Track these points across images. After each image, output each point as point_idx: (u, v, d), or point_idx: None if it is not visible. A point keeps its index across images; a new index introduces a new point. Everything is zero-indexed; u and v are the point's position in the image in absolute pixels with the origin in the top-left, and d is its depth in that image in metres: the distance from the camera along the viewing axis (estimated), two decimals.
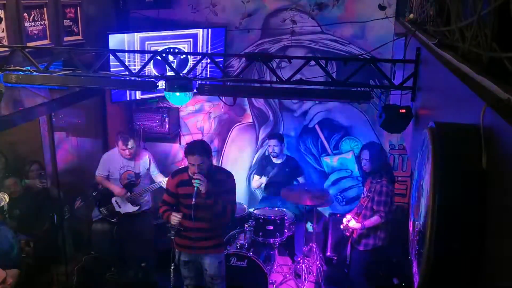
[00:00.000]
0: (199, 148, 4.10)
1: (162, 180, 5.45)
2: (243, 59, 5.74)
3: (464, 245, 1.44)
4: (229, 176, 4.36)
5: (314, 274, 5.55)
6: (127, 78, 4.02)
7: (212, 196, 4.09)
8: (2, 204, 4.50)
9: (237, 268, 5.04)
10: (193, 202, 4.02)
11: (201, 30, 5.68)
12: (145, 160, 5.51)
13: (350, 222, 4.76)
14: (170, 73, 4.06)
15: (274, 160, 5.89)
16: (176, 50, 5.57)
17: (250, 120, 6.39)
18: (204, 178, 4.04)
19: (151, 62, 5.07)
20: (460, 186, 1.45)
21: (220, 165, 6.14)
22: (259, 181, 5.92)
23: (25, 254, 4.87)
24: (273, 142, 5.79)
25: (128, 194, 5.41)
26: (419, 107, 3.19)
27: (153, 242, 5.79)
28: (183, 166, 4.97)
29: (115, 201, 5.42)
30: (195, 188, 4.02)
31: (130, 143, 5.32)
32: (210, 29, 5.73)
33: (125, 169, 5.42)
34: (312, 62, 3.77)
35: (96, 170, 5.52)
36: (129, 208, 5.44)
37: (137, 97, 5.86)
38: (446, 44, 2.06)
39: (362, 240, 4.79)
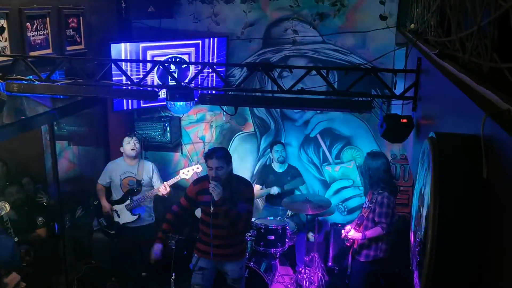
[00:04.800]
0: (218, 153, 4.19)
1: (159, 186, 5.39)
2: (245, 68, 5.76)
3: (465, 256, 1.43)
4: (247, 185, 4.43)
5: (316, 284, 5.52)
6: (129, 88, 4.04)
7: (227, 203, 4.12)
8: (2, 213, 4.49)
9: None
10: (211, 211, 4.09)
11: (203, 39, 5.71)
12: (149, 169, 5.49)
13: (350, 232, 4.74)
14: (171, 83, 4.08)
15: (276, 169, 5.89)
16: (178, 60, 5.59)
17: (252, 129, 6.40)
18: (219, 185, 4.08)
19: (155, 71, 5.10)
20: (461, 196, 1.45)
21: None
22: (271, 190, 5.83)
23: (26, 263, 4.85)
24: (279, 147, 5.80)
25: (116, 212, 5.39)
26: (420, 116, 3.19)
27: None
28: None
29: (115, 210, 5.40)
30: (212, 196, 4.08)
31: (134, 137, 5.38)
32: (212, 39, 5.75)
33: (126, 174, 5.40)
34: (314, 72, 3.78)
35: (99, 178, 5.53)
36: (128, 218, 5.40)
37: (140, 106, 5.87)
38: (447, 54, 2.06)
39: (363, 251, 4.76)
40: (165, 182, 5.37)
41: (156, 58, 5.42)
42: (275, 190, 5.72)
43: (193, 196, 4.40)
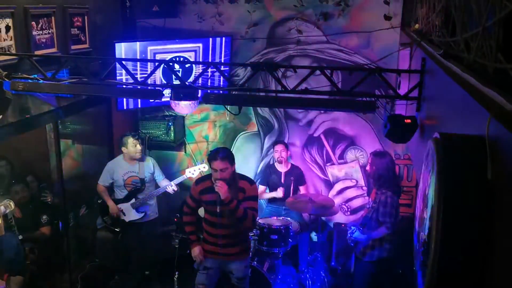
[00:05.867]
0: (222, 154, 4.17)
1: (167, 185, 5.46)
2: (249, 68, 5.76)
3: (469, 256, 1.43)
4: (252, 183, 4.43)
5: (318, 284, 5.51)
6: (133, 87, 4.04)
7: (234, 202, 4.13)
8: (7, 211, 4.52)
9: None
10: (218, 210, 4.12)
11: (207, 39, 5.72)
12: (149, 165, 5.52)
13: (355, 233, 4.74)
14: (176, 82, 4.09)
15: (279, 169, 5.89)
16: (182, 59, 5.60)
17: (255, 129, 6.40)
18: (224, 185, 4.08)
19: (160, 70, 5.11)
20: (465, 197, 1.45)
21: None
22: (275, 193, 5.85)
23: (30, 261, 4.88)
24: (280, 147, 5.80)
25: (122, 211, 5.41)
26: (424, 117, 3.19)
27: (157, 250, 5.79)
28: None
29: (120, 208, 5.42)
30: (218, 195, 4.09)
31: (139, 139, 5.42)
32: (216, 38, 5.76)
33: (129, 174, 5.42)
34: (318, 72, 3.78)
35: (99, 179, 5.52)
36: (134, 216, 5.43)
37: (144, 105, 5.87)
38: (452, 54, 2.06)
39: (367, 251, 4.76)
40: (172, 182, 5.43)
41: (160, 57, 5.43)
42: (279, 193, 5.73)
43: (196, 196, 4.41)
